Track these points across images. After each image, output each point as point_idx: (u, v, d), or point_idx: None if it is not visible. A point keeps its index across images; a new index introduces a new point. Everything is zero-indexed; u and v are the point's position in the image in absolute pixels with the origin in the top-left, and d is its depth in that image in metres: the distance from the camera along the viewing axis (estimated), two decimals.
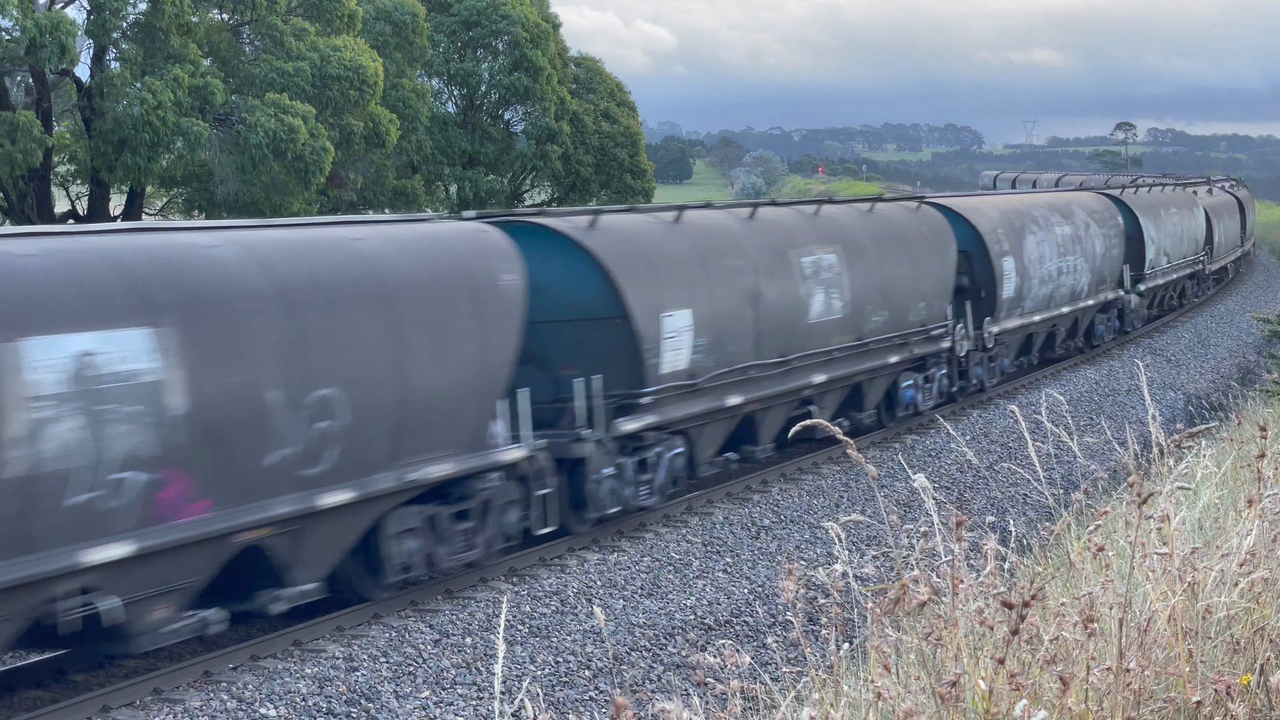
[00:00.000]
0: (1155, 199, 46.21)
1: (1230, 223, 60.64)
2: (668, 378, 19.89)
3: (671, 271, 20.44)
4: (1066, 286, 35.05)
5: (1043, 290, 33.28)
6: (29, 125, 34.55)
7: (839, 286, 24.18)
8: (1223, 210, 58.98)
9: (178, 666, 14.24)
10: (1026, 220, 33.11)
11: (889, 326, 25.76)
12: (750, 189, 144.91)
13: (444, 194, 53.62)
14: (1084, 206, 37.92)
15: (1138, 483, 6.56)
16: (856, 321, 24.72)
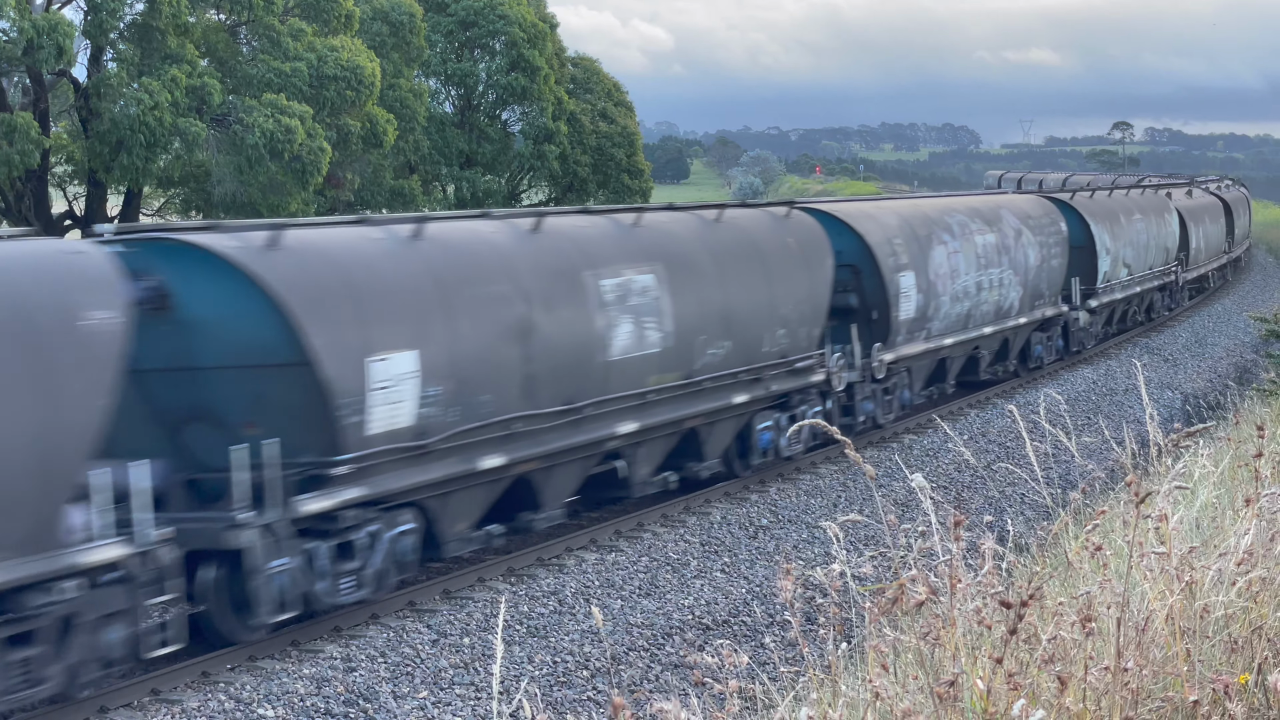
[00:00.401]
0: (1113, 204, 41.33)
1: (1212, 228, 55.76)
2: (379, 439, 15.65)
3: (388, 303, 16.10)
4: (990, 304, 30.67)
5: (956, 309, 28.96)
6: (26, 126, 34.54)
7: (657, 314, 19.91)
8: (1203, 214, 54.06)
9: (176, 667, 14.24)
10: (935, 229, 28.71)
11: (734, 360, 21.52)
12: (748, 189, 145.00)
13: (441, 194, 53.64)
14: (1017, 212, 33.55)
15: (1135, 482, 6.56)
16: (684, 356, 20.46)
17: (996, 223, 31.65)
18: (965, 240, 29.65)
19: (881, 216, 27.37)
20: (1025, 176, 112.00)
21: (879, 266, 25.97)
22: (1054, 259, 34.38)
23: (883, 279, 25.99)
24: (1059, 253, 34.67)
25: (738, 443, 22.46)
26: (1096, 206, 39.18)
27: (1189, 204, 52.11)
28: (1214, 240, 56.10)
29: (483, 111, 54.87)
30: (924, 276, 27.35)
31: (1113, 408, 30.87)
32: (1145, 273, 42.46)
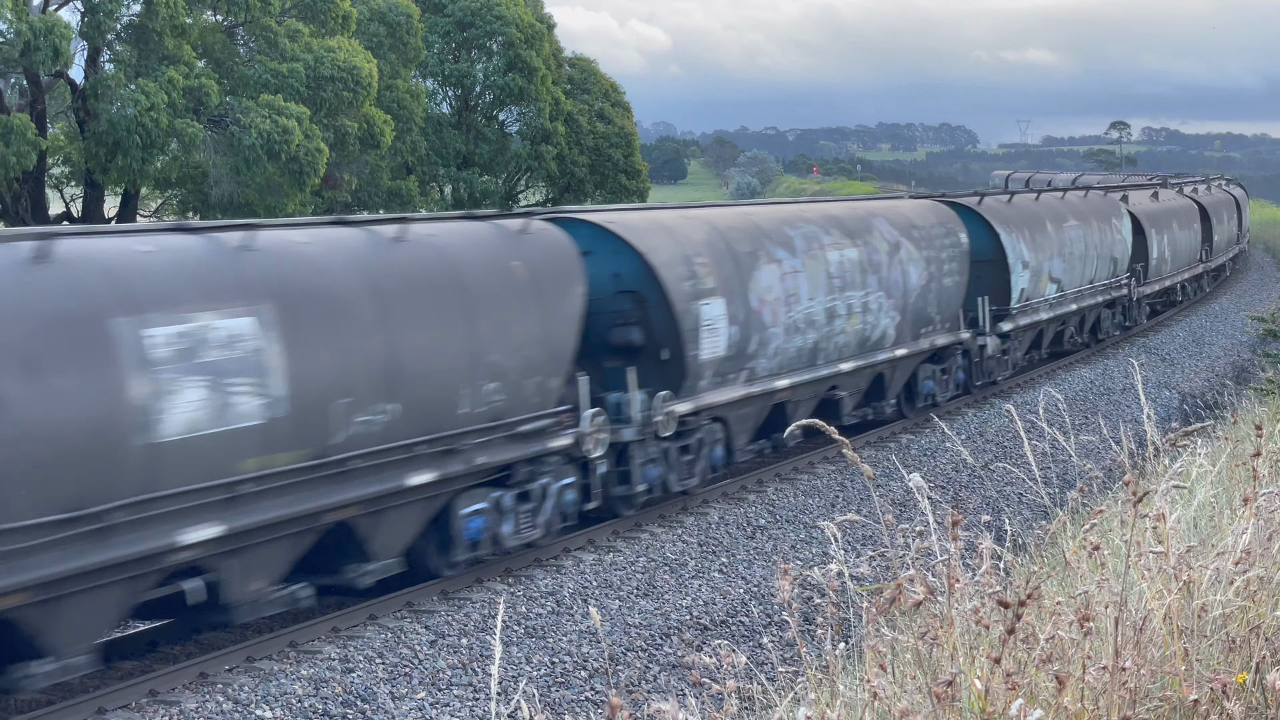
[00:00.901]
0: (1037, 209, 34.89)
1: (1183, 234, 48.86)
2: None
3: None
4: (850, 334, 24.88)
5: (796, 342, 23.20)
6: (23, 128, 34.53)
7: (257, 373, 14.19)
8: (1168, 220, 47.05)
9: (173, 668, 14.23)
10: (765, 244, 22.75)
11: (408, 428, 15.97)
12: (745, 189, 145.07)
13: (439, 195, 53.64)
14: (896, 221, 27.25)
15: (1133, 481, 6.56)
16: (310, 427, 14.80)
17: (863, 235, 25.68)
18: (811, 257, 23.79)
19: (681, 229, 21.50)
20: (1034, 176, 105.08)
21: (667, 293, 20.18)
22: (948, 276, 28.39)
23: (672, 309, 20.22)
24: (956, 269, 28.74)
25: (434, 534, 17.03)
26: (1012, 213, 33.03)
27: (1151, 208, 45.67)
28: (1184, 249, 49.19)
29: (480, 112, 54.88)
30: (741, 304, 21.70)
31: (1110, 407, 30.88)
32: (1085, 288, 36.72)
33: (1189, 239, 50.24)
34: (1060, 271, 34.78)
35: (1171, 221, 47.38)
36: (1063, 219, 35.71)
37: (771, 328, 22.43)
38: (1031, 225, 33.43)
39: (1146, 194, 48.35)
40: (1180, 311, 49.15)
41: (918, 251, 27.26)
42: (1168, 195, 51.66)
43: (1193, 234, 51.13)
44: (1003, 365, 31.78)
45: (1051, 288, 34.31)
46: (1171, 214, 48.11)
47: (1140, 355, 37.88)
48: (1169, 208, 48.57)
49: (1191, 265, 51.44)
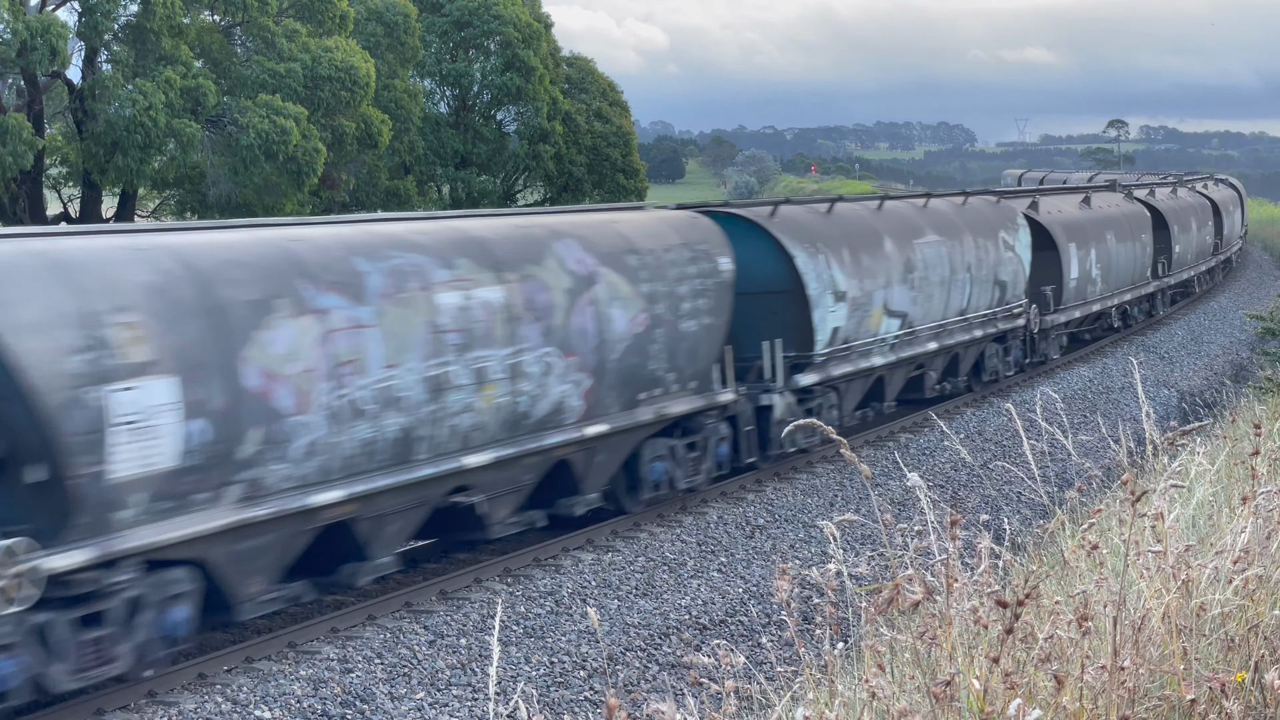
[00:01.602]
0: (875, 221, 26.68)
1: (1122, 249, 39.88)
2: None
3: None
4: (487, 411, 17.24)
5: (359, 434, 15.41)
6: (20, 128, 34.52)
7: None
8: (1099, 232, 38.26)
9: (172, 669, 14.23)
10: (286, 286, 14.85)
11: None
12: (743, 187, 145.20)
13: (436, 194, 53.65)
14: (600, 243, 19.43)
15: (1131, 480, 6.56)
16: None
17: (521, 266, 17.96)
18: (398, 303, 16.02)
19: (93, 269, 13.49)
20: (1048, 176, 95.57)
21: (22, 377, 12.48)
22: (692, 318, 20.63)
23: (37, 401, 12.52)
24: (708, 306, 21.03)
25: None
26: (824, 227, 24.76)
27: (1075, 217, 37.26)
28: (1125, 266, 40.45)
29: (478, 112, 54.88)
30: (220, 383, 13.93)
31: (1109, 405, 30.89)
32: (953, 321, 28.71)
33: (1132, 254, 41.13)
34: (906, 302, 26.62)
35: (1104, 234, 38.55)
36: (914, 233, 27.46)
37: (295, 416, 14.60)
38: (855, 243, 25.19)
39: (1075, 199, 39.32)
40: (1180, 309, 49.15)
41: (630, 286, 19.40)
42: (1113, 200, 42.38)
43: (1138, 248, 41.77)
44: (801, 429, 20.62)
45: (891, 324, 26.13)
46: (1105, 224, 39.15)
47: (1139, 354, 37.89)
48: (1106, 215, 39.87)
49: (1139, 284, 42.59)
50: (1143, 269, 42.89)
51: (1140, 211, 43.50)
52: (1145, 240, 42.76)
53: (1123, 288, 40.52)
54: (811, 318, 23.62)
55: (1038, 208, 35.32)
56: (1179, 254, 47.42)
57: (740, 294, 22.06)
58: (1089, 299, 37.44)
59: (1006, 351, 32.22)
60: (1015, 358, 32.78)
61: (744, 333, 22.52)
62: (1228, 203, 63.06)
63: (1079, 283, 36.36)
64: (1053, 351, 35.39)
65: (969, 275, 29.21)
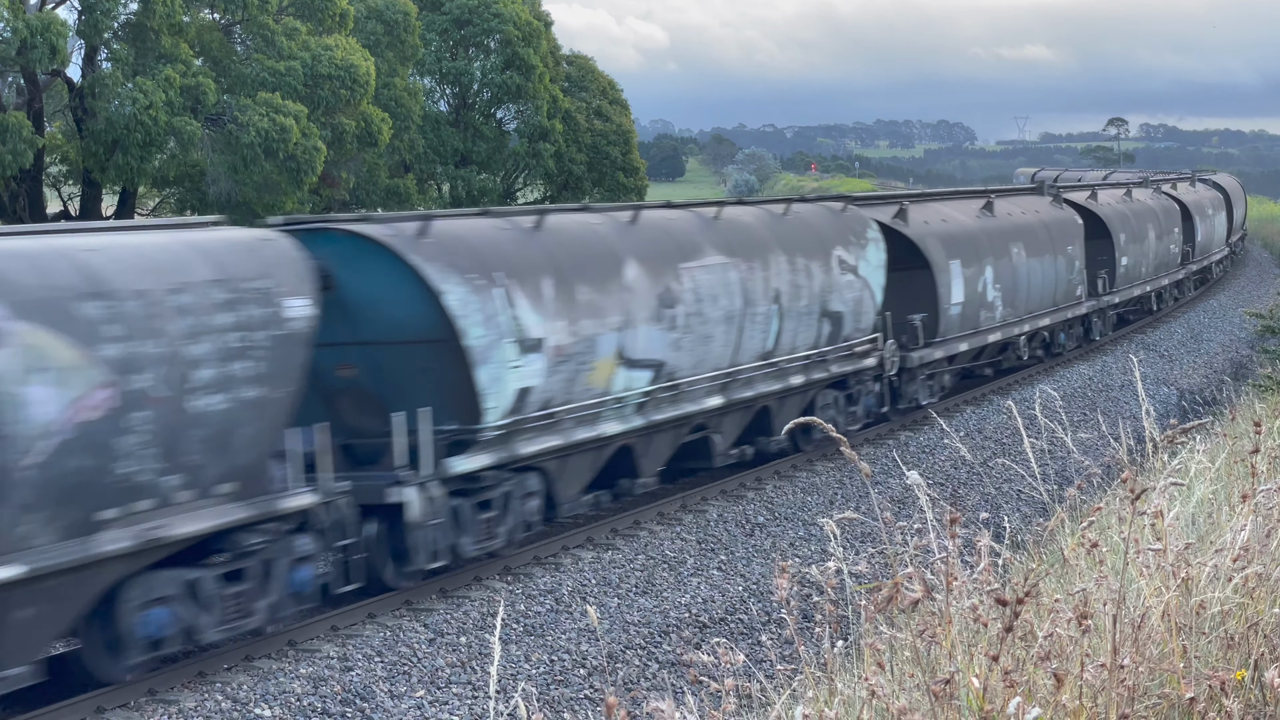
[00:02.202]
0: (615, 240, 20.08)
1: (1036, 266, 33.41)
2: None
3: None
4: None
5: None
6: (20, 126, 34.52)
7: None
8: (1001, 245, 31.66)
9: (172, 667, 14.23)
10: None
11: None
12: (743, 186, 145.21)
13: (436, 193, 53.65)
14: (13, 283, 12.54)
15: (1131, 478, 6.55)
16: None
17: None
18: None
19: None
20: (1063, 174, 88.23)
21: None
22: (214, 393, 14.02)
23: None
24: (256, 373, 14.51)
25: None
26: (496, 250, 18.01)
27: (964, 228, 30.55)
28: (1043, 285, 34.03)
29: (478, 110, 54.89)
30: None
31: (1109, 403, 30.89)
32: (753, 367, 22.46)
33: (1051, 272, 34.33)
34: (660, 348, 20.10)
35: (1008, 246, 31.95)
36: (682, 255, 20.86)
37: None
38: (568, 271, 18.67)
39: (974, 205, 32.69)
40: (1180, 308, 49.14)
41: (76, 349, 12.84)
42: (1034, 205, 35.61)
43: (1062, 265, 35.14)
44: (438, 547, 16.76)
45: (634, 377, 19.73)
46: (1008, 235, 32.30)
47: (1139, 352, 37.88)
48: (1013, 224, 32.94)
49: (1066, 305, 35.83)
50: (1070, 287, 35.69)
51: (1068, 219, 36.43)
52: (1074, 252, 35.89)
53: (1039, 310, 33.69)
54: (475, 377, 16.95)
55: (906, 217, 28.40)
56: (1128, 267, 40.92)
57: (374, 345, 17.01)
58: (982, 327, 30.33)
59: (851, 400, 25.39)
60: (866, 406, 25.97)
61: (389, 398, 16.91)
62: (1204, 205, 55.64)
63: (966, 308, 29.31)
64: (923, 395, 27.91)
65: (777, 307, 22.73)
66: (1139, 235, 42.58)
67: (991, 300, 30.90)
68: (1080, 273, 36.69)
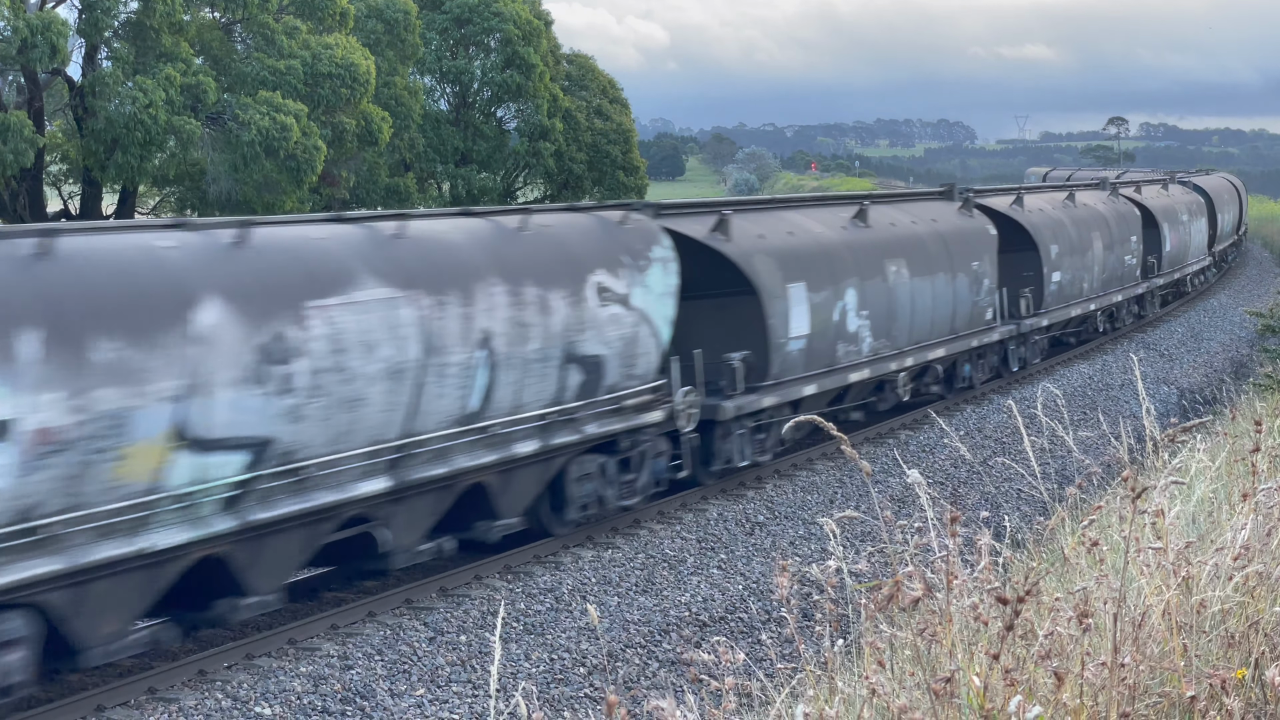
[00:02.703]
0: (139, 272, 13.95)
1: (927, 288, 27.77)
2: None
3: None
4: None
5: None
6: (20, 125, 34.51)
7: None
8: (874, 263, 25.99)
9: (172, 666, 14.23)
10: None
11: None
12: (743, 185, 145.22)
13: (437, 192, 53.65)
14: None
15: (1131, 477, 6.55)
16: None
17: None
18: None
19: None
20: (1075, 174, 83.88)
21: None
22: None
23: None
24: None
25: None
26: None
27: (823, 242, 24.84)
28: (934, 309, 28.18)
29: (478, 109, 54.88)
30: None
31: (1109, 402, 30.88)
32: (437, 437, 16.64)
33: (947, 291, 28.65)
34: (270, 421, 14.57)
35: (883, 264, 26.29)
36: (320, 287, 15.36)
37: None
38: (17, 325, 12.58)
39: (844, 215, 26.66)
40: (1181, 306, 49.12)
41: None
42: (927, 213, 29.88)
43: (964, 280, 29.43)
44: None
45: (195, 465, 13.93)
46: (887, 249, 26.67)
47: (1139, 351, 37.87)
48: (889, 238, 27.05)
49: (969, 331, 29.97)
50: (977, 310, 30.19)
51: (978, 229, 30.86)
52: (983, 269, 30.31)
53: (931, 340, 28.20)
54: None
55: (727, 230, 22.44)
56: (1062, 283, 35.66)
57: None
58: (841, 364, 24.77)
59: (626, 466, 19.95)
60: (655, 473, 20.48)
61: None
62: (1175, 210, 49.30)
63: (814, 342, 23.74)
64: (747, 453, 22.48)
65: (487, 353, 17.06)
66: (1079, 246, 37.06)
67: (855, 331, 25.10)
68: (991, 293, 30.72)
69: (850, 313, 24.95)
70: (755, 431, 22.78)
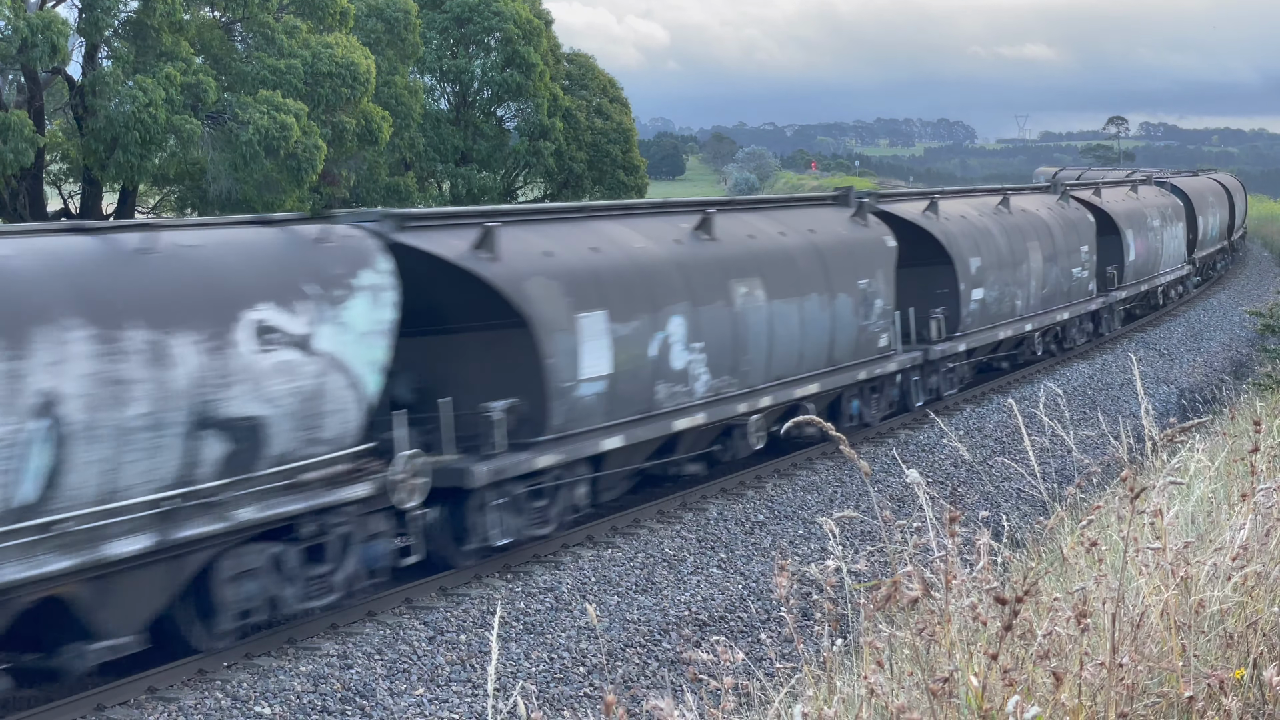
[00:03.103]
0: None
1: (792, 312, 23.40)
2: None
3: None
4: None
5: None
6: (21, 124, 34.51)
7: None
8: (718, 284, 21.73)
9: (172, 665, 14.23)
10: None
11: None
12: (744, 184, 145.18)
13: (436, 191, 53.68)
14: None
15: (1130, 477, 6.56)
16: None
17: None
18: None
19: None
20: (1086, 173, 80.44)
21: None
22: None
23: None
24: None
25: None
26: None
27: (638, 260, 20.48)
28: (792, 343, 23.40)
29: (478, 108, 54.89)
30: None
31: (1109, 402, 30.89)
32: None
33: (823, 316, 24.21)
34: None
35: (727, 286, 21.85)
36: None
37: None
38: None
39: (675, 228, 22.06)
40: (1178, 308, 49.09)
41: None
42: (801, 224, 24.99)
43: (846, 303, 24.93)
44: None
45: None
46: (738, 266, 22.33)
47: (1139, 350, 37.87)
48: (744, 252, 22.65)
49: (859, 361, 25.51)
50: (865, 338, 25.57)
51: (872, 240, 26.42)
52: (875, 288, 25.80)
53: (797, 375, 23.43)
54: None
55: (493, 246, 18.20)
56: (985, 302, 30.94)
57: None
58: (663, 409, 20.23)
59: (315, 556, 15.51)
60: (369, 559, 16.15)
61: None
62: (1143, 216, 44.32)
63: (617, 384, 19.32)
64: (500, 533, 17.77)
65: (49, 424, 12.66)
66: (1010, 258, 32.39)
67: (684, 367, 20.73)
68: (886, 316, 26.29)
69: (676, 345, 20.45)
70: (533, 497, 18.16)
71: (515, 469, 17.71)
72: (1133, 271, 42.31)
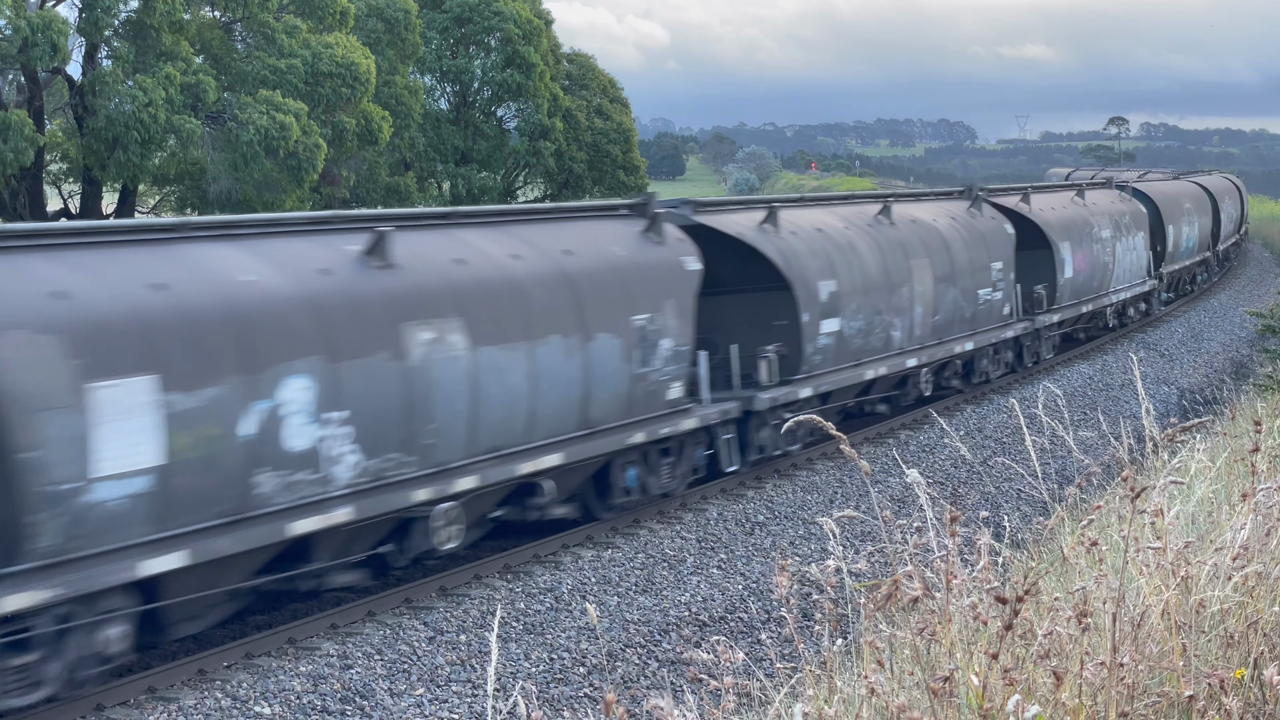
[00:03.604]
0: None
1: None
2: None
3: None
4: None
5: None
6: (21, 124, 34.51)
7: None
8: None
9: (172, 665, 14.23)
10: None
11: None
12: (744, 184, 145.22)
13: (437, 191, 53.68)
14: None
15: (1131, 477, 6.55)
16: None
17: None
18: None
19: None
20: (1097, 174, 73.66)
21: None
22: None
23: None
24: None
25: None
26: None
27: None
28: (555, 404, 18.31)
29: (478, 108, 54.90)
30: None
31: (1109, 402, 30.88)
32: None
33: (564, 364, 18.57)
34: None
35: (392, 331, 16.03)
36: None
37: None
38: None
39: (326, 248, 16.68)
40: (1181, 306, 49.09)
41: None
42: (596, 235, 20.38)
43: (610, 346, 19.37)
44: None
45: None
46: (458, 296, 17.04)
47: (1139, 351, 37.86)
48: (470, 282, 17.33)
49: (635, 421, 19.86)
50: (642, 390, 20.00)
51: (666, 263, 20.95)
52: (661, 325, 20.28)
53: (525, 444, 17.79)
54: None
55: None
56: (842, 336, 24.99)
57: None
58: (264, 508, 14.52)
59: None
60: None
61: None
62: (1086, 226, 37.75)
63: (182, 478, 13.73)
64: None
65: None
66: (883, 281, 26.51)
67: (311, 448, 14.98)
68: (679, 360, 20.81)
69: (295, 417, 14.80)
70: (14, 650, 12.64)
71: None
72: (1070, 290, 35.89)
